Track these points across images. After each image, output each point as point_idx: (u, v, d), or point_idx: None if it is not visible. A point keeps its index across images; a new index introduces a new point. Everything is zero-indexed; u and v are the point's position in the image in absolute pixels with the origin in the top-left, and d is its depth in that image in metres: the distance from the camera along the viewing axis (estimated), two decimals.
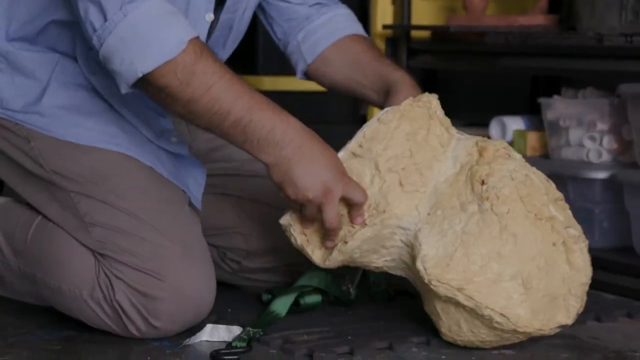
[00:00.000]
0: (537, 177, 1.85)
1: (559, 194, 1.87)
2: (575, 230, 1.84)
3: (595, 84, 2.52)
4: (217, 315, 1.97)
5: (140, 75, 1.74)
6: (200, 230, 1.94)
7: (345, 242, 1.83)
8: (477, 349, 1.85)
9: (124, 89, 1.78)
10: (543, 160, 2.53)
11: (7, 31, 1.94)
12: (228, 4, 2.00)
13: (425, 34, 2.84)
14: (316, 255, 1.86)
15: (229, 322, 1.93)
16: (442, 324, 1.84)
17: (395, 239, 1.84)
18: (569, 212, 1.87)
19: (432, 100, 1.88)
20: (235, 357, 1.78)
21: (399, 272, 1.90)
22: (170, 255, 1.84)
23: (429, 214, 1.81)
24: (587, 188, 2.42)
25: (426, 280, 1.78)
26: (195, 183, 1.97)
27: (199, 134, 2.11)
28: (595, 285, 2.27)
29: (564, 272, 1.81)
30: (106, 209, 1.86)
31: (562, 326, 1.82)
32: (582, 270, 1.83)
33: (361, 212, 1.82)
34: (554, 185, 1.88)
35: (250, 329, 1.87)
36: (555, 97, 2.55)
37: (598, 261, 2.34)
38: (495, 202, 1.78)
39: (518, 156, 1.86)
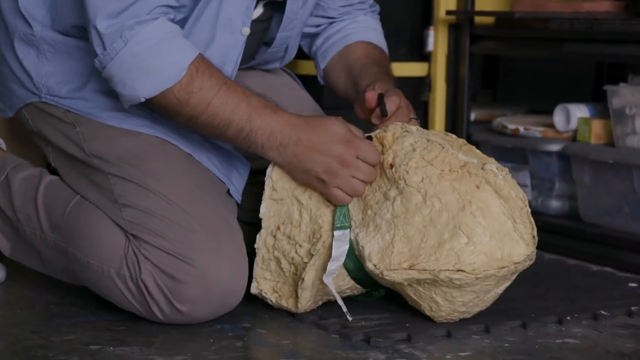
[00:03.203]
0: (437, 137, 1.90)
1: (461, 140, 1.92)
2: (491, 164, 1.86)
3: None
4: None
5: (143, 100, 1.83)
6: (236, 220, 1.94)
7: (303, 279, 1.87)
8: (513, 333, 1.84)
9: (126, 106, 1.87)
10: (608, 148, 2.50)
11: (53, 24, 1.97)
12: (285, 23, 2.04)
13: (488, 19, 2.81)
14: (290, 303, 1.93)
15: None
16: (424, 308, 1.88)
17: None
18: (478, 152, 1.91)
19: None
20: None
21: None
22: (199, 241, 1.85)
23: (362, 218, 1.87)
24: None
25: (380, 275, 1.82)
26: (238, 176, 1.99)
27: None
28: None
29: (499, 206, 1.82)
30: (140, 190, 1.89)
31: (527, 256, 1.82)
32: (514, 197, 1.83)
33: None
34: (454, 136, 1.93)
35: None
36: (622, 84, 2.52)
37: None
38: (407, 176, 1.83)
39: (414, 128, 1.91)
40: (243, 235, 1.93)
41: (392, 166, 1.86)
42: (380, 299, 2.00)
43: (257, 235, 1.94)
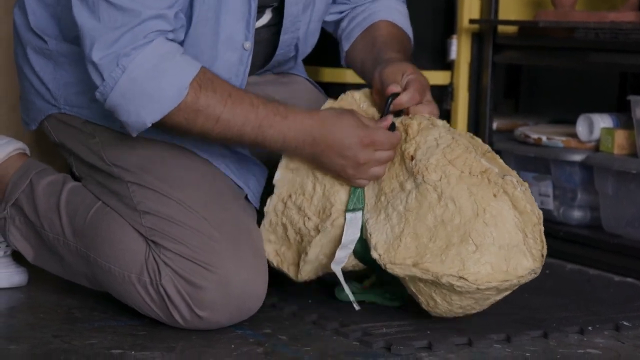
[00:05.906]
0: (463, 137, 1.87)
1: (486, 147, 1.90)
2: (512, 176, 1.84)
3: None
4: (298, 307, 1.98)
5: (149, 125, 1.81)
6: (255, 225, 1.95)
7: (306, 253, 1.87)
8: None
9: (134, 134, 1.84)
10: (631, 158, 2.49)
11: (65, 37, 1.98)
12: (286, 24, 2.02)
13: (512, 29, 2.81)
14: (291, 271, 1.93)
15: (308, 313, 1.95)
16: (421, 301, 1.87)
17: None
18: (501, 161, 1.88)
19: (354, 94, 1.95)
20: None
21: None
22: (218, 247, 1.86)
23: (375, 203, 1.85)
24: None
25: (383, 266, 1.81)
26: (255, 181, 1.99)
27: None
28: None
29: (513, 219, 1.80)
30: (159, 197, 1.90)
31: (532, 270, 1.80)
32: (530, 212, 1.82)
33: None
34: (479, 140, 1.91)
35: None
36: None
37: None
38: (426, 172, 1.82)
39: (441, 122, 1.88)
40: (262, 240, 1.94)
41: (412, 158, 1.84)
42: (400, 306, 2.00)
43: (268, 199, 1.94)
